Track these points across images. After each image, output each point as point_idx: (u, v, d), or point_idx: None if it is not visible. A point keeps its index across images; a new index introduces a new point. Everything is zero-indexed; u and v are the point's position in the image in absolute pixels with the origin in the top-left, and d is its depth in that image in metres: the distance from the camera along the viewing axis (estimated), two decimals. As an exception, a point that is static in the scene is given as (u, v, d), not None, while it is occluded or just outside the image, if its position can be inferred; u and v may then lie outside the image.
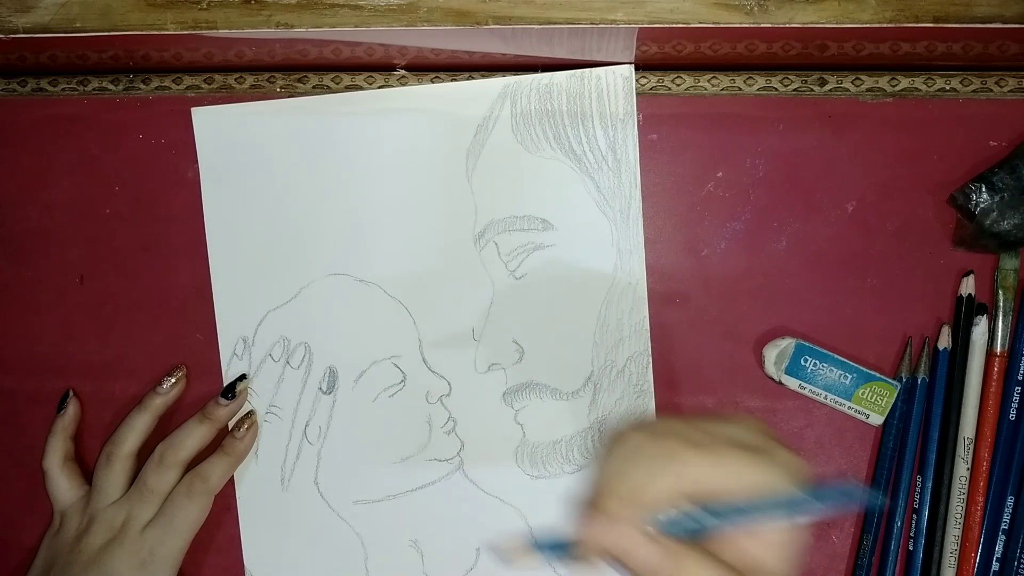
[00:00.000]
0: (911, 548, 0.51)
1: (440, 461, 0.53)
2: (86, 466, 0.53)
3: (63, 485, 0.52)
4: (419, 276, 0.53)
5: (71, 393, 0.53)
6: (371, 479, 0.53)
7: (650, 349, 0.52)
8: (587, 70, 0.51)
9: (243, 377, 0.53)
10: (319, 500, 0.54)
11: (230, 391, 0.52)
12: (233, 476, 0.53)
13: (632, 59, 0.51)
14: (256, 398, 0.53)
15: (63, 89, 0.54)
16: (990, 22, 0.45)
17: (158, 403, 0.52)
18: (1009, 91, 0.51)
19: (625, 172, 0.52)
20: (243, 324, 0.53)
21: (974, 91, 0.51)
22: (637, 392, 0.52)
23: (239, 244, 0.53)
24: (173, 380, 0.53)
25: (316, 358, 0.53)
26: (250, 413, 0.53)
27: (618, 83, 0.51)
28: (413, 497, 0.53)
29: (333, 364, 0.53)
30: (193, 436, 0.51)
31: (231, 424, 0.53)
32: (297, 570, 0.53)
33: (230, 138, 0.53)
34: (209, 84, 0.53)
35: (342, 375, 0.53)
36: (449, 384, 0.53)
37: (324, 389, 0.53)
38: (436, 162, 0.52)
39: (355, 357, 0.53)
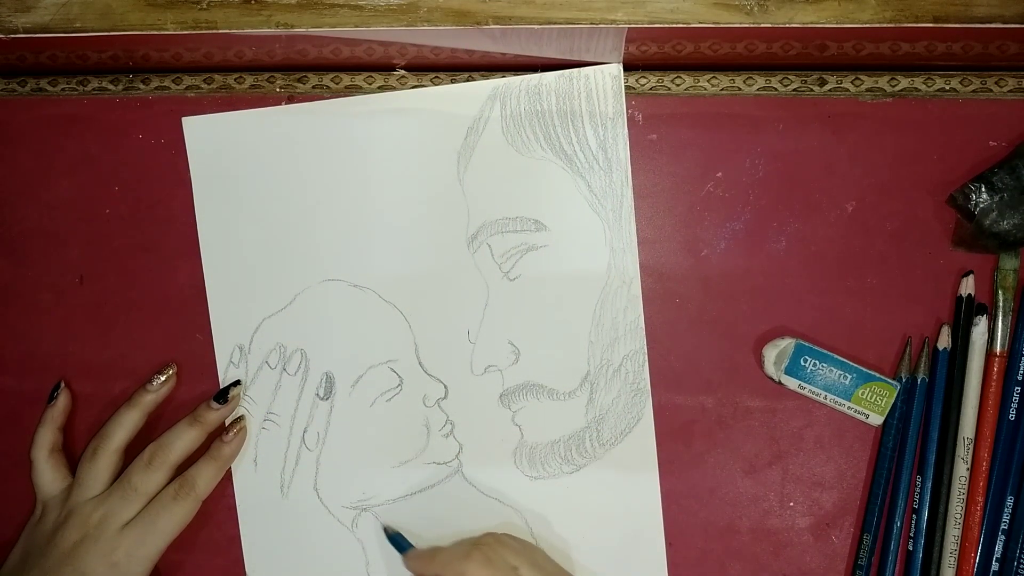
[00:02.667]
0: (911, 548, 0.51)
1: (439, 464, 0.53)
2: (76, 460, 0.53)
3: (48, 475, 0.52)
4: (413, 280, 0.53)
5: (62, 384, 0.53)
6: (371, 484, 0.53)
7: (646, 347, 0.52)
8: (576, 70, 0.52)
9: (237, 383, 0.53)
10: (319, 506, 0.53)
11: (223, 396, 0.52)
12: (233, 484, 0.53)
13: (640, 53, 0.51)
14: (254, 405, 0.53)
15: (63, 89, 0.54)
16: (990, 22, 0.45)
17: (148, 400, 0.52)
18: (1009, 91, 0.51)
19: (616, 171, 0.52)
20: (239, 332, 0.53)
21: (974, 91, 0.51)
22: (634, 390, 0.52)
23: (233, 252, 0.53)
24: (164, 378, 0.53)
25: (313, 364, 0.53)
26: (239, 418, 0.53)
27: (607, 82, 0.51)
28: (413, 501, 0.53)
29: (330, 370, 0.53)
30: (183, 438, 0.51)
31: None
32: None
33: (221, 147, 0.53)
34: (209, 84, 0.53)
35: (339, 381, 0.53)
36: (446, 387, 0.53)
37: (321, 395, 0.53)
38: (427, 165, 0.52)
39: (351, 362, 0.53)
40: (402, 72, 0.53)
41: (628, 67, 0.52)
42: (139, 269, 0.54)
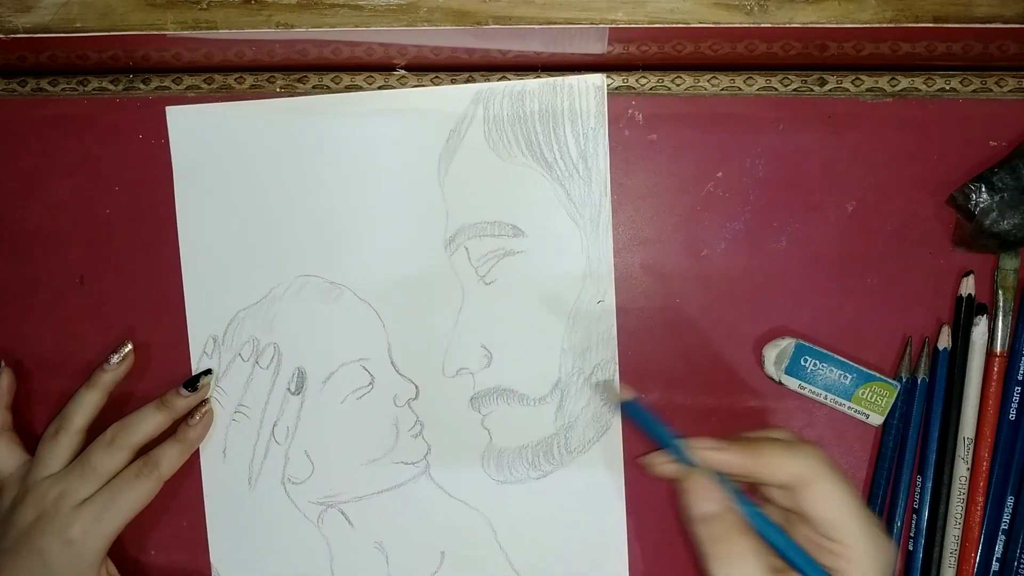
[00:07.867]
0: (911, 548, 0.51)
1: (406, 464, 0.53)
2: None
3: (2, 455, 0.51)
4: (389, 279, 0.53)
5: (2, 363, 0.53)
6: (338, 480, 0.53)
7: (617, 357, 0.52)
8: (559, 78, 0.52)
9: (208, 372, 0.53)
10: (286, 500, 0.54)
11: (192, 384, 0.52)
12: (201, 474, 0.53)
13: (640, 53, 0.51)
14: (225, 397, 0.54)
15: (63, 89, 0.54)
16: (990, 22, 0.45)
17: (106, 379, 0.52)
18: (1009, 91, 0.51)
19: (596, 180, 0.52)
20: (213, 323, 0.53)
21: (974, 91, 0.51)
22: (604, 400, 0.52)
23: (211, 243, 0.53)
24: (121, 356, 0.53)
25: (285, 359, 0.53)
26: (205, 402, 0.53)
27: (590, 92, 0.51)
28: (379, 499, 0.53)
29: (302, 365, 0.53)
30: (148, 422, 0.51)
31: None
32: (263, 569, 0.54)
33: (204, 137, 0.53)
34: (209, 84, 0.53)
35: (311, 376, 0.53)
36: (417, 388, 0.53)
37: (292, 390, 0.53)
38: (408, 166, 0.52)
39: (324, 358, 0.53)
40: (402, 72, 0.53)
41: (628, 67, 0.52)
42: (139, 269, 0.54)
